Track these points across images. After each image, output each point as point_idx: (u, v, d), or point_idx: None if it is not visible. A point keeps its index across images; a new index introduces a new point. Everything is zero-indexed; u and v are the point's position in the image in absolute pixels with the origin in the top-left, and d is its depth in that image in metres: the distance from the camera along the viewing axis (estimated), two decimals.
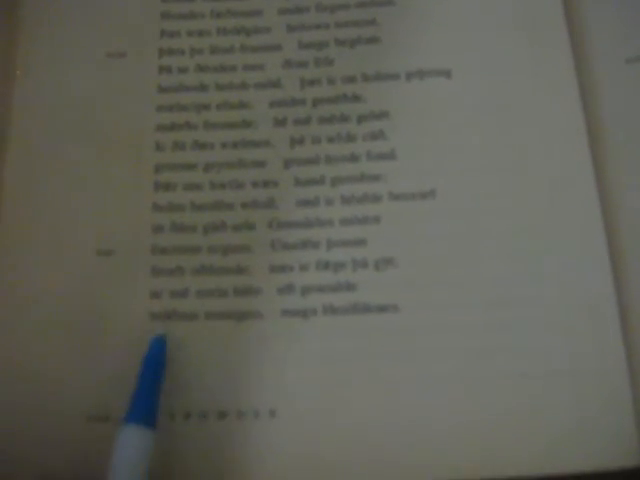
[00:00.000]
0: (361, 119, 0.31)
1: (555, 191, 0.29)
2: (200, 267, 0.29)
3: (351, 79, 0.31)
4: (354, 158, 0.30)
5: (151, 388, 0.27)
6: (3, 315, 0.29)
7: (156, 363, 0.27)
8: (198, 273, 0.29)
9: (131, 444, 0.25)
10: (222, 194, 0.30)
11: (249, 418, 0.28)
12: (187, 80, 0.32)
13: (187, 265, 0.29)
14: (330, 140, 0.30)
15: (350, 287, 0.29)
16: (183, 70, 0.32)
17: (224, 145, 0.31)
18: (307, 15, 0.32)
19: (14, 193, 0.30)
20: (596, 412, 0.27)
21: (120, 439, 0.25)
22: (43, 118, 0.31)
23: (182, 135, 0.31)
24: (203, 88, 0.31)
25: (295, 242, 0.29)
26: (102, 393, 0.28)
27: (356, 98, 0.31)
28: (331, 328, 0.28)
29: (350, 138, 0.30)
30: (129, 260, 0.29)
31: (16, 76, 0.32)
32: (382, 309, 0.28)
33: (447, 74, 0.31)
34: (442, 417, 0.27)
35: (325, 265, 0.29)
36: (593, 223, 0.29)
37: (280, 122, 0.31)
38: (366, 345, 0.28)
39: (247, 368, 0.28)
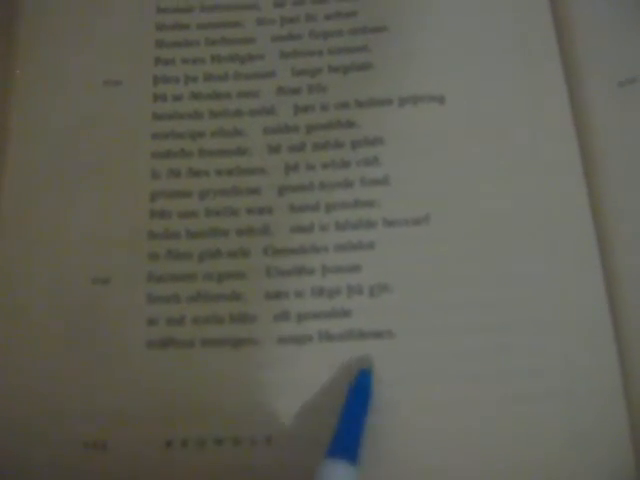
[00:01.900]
0: (355, 145, 0.31)
1: (550, 215, 0.29)
2: (196, 294, 0.29)
3: (344, 105, 0.31)
4: (348, 184, 0.30)
5: (356, 422, 0.26)
6: (1, 342, 0.29)
7: (363, 396, 0.27)
8: (194, 300, 0.29)
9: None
10: (217, 221, 0.30)
11: (245, 445, 0.28)
12: (182, 108, 0.32)
13: (183, 292, 0.29)
14: (324, 166, 0.30)
15: (345, 313, 0.29)
16: (178, 98, 0.32)
17: (219, 172, 0.31)
18: (300, 42, 0.32)
19: (10, 222, 0.30)
20: (591, 431, 0.27)
21: (322, 474, 0.24)
22: (39, 146, 0.31)
23: (177, 162, 0.31)
24: (198, 115, 0.32)
25: (290, 268, 0.29)
26: (99, 420, 0.28)
27: (350, 124, 0.31)
28: (327, 354, 0.28)
29: (344, 164, 0.30)
30: (125, 288, 0.29)
31: (13, 102, 0.32)
32: (377, 335, 0.28)
33: (440, 100, 0.31)
34: (437, 440, 0.27)
35: (320, 291, 0.29)
36: (588, 245, 0.29)
37: (274, 149, 0.31)
38: None
39: (243, 395, 0.28)
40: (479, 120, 0.31)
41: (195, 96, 0.32)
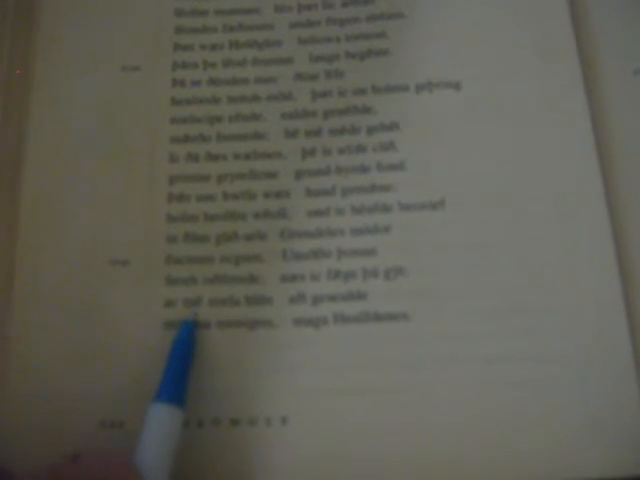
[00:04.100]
0: (371, 130, 0.31)
1: (564, 200, 0.30)
2: (213, 277, 0.30)
3: (361, 91, 0.32)
4: (364, 169, 0.30)
5: (180, 369, 0.27)
6: (20, 322, 0.29)
7: (185, 345, 0.28)
8: (211, 282, 0.30)
9: (160, 422, 0.26)
10: (235, 205, 0.30)
11: (261, 425, 0.28)
12: (200, 93, 0.32)
13: (200, 275, 0.30)
14: (341, 151, 0.31)
15: (361, 296, 0.29)
16: (196, 83, 0.32)
17: (237, 156, 0.31)
18: (318, 28, 0.33)
19: (31, 203, 0.31)
20: (605, 419, 0.27)
21: (150, 417, 0.26)
22: (59, 130, 0.32)
23: (195, 147, 0.31)
24: (216, 101, 0.32)
25: (306, 252, 0.30)
26: (116, 400, 0.28)
27: (366, 110, 0.31)
28: (342, 336, 0.29)
29: (360, 149, 0.31)
30: (144, 270, 0.30)
31: (33, 87, 0.32)
32: (392, 318, 0.29)
33: (456, 86, 0.31)
34: (452, 423, 0.28)
35: (336, 274, 0.29)
36: (602, 231, 0.29)
37: (291, 134, 0.31)
38: (377, 353, 0.28)
39: (259, 376, 0.28)
40: (494, 106, 0.31)
41: (213, 81, 0.32)
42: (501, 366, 0.28)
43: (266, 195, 0.30)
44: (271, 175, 0.31)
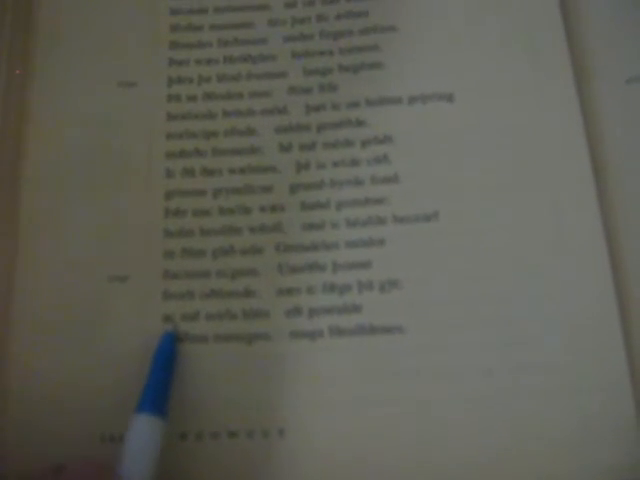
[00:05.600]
0: (365, 144, 0.31)
1: (557, 210, 0.30)
2: (210, 291, 0.30)
3: (355, 104, 0.32)
4: (358, 182, 0.31)
5: (162, 380, 0.28)
6: (19, 338, 0.30)
7: (166, 357, 0.28)
8: (208, 297, 0.30)
9: (143, 433, 0.26)
10: (230, 219, 0.31)
11: (258, 438, 0.28)
12: (195, 108, 0.32)
13: (197, 289, 0.30)
14: (335, 165, 0.31)
15: (356, 309, 0.29)
16: (192, 98, 0.32)
17: (232, 171, 0.31)
18: (311, 42, 0.33)
19: (30, 219, 0.31)
20: (600, 425, 0.27)
21: (132, 428, 0.26)
22: (56, 147, 0.32)
23: (191, 162, 0.31)
24: (211, 115, 0.32)
25: (302, 265, 0.30)
26: (116, 414, 0.28)
27: (360, 123, 0.31)
28: (338, 349, 0.29)
29: (354, 162, 0.31)
30: (142, 285, 0.30)
31: (30, 104, 0.32)
32: (387, 330, 0.29)
33: (449, 98, 0.31)
34: (449, 433, 0.28)
35: (331, 287, 0.30)
36: (596, 240, 0.29)
37: (286, 147, 0.31)
38: (372, 365, 0.29)
39: (257, 389, 0.29)
40: (487, 118, 0.31)
41: (209, 96, 0.32)
42: (497, 376, 0.28)
43: (261, 209, 0.31)
44: (266, 189, 0.31)
